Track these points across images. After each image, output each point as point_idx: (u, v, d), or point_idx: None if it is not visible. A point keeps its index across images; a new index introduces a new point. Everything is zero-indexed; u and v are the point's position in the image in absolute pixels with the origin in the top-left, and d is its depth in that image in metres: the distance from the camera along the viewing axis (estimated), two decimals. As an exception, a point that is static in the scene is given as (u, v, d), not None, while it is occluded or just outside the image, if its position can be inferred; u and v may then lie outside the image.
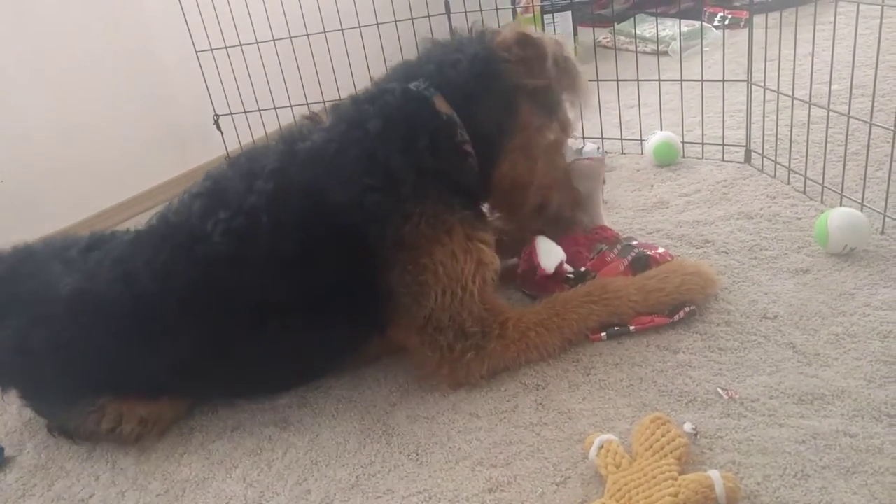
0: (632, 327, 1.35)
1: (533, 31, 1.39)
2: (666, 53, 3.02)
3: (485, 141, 1.35)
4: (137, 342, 1.30)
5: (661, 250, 1.48)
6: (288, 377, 1.43)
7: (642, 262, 1.44)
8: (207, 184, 1.38)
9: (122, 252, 1.38)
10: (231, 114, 2.54)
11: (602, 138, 2.17)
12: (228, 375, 1.37)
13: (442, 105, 1.32)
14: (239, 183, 1.32)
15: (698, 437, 1.10)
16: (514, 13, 3.27)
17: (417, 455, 1.20)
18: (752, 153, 1.95)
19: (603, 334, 1.35)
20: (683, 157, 2.07)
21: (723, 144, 2.00)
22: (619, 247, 1.51)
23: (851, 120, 1.60)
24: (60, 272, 1.36)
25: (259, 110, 2.51)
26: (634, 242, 1.52)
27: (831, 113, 1.64)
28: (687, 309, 1.35)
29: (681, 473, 1.01)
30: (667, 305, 1.36)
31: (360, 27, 2.35)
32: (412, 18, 2.42)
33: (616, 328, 1.35)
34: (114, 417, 1.34)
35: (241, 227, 1.27)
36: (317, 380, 1.44)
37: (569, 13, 3.21)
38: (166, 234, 1.35)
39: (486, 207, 1.50)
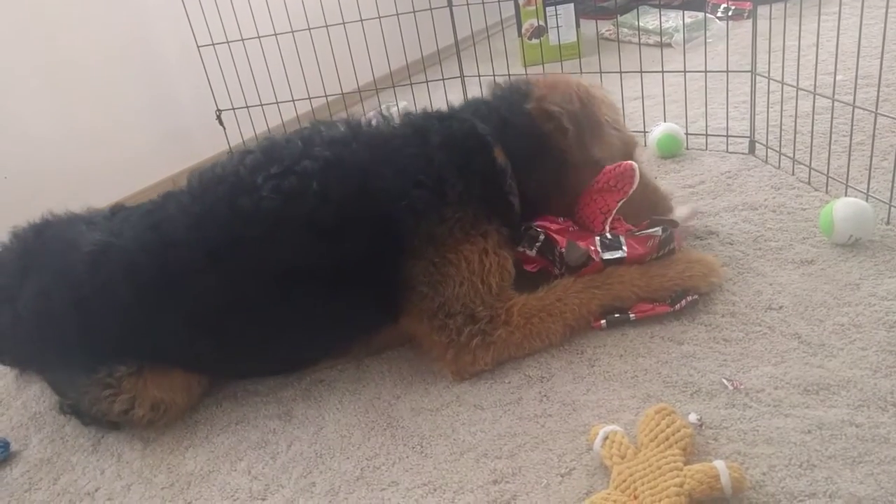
0: (632, 315, 1.35)
1: (553, 98, 1.42)
2: (669, 45, 3.01)
3: (531, 199, 1.44)
4: (161, 292, 1.31)
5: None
6: (296, 350, 1.43)
7: (669, 238, 1.41)
8: (263, 143, 1.42)
9: (154, 206, 1.41)
10: (233, 108, 2.53)
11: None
12: (242, 338, 1.37)
13: (500, 155, 1.40)
14: (298, 144, 1.37)
15: (703, 427, 1.10)
16: (517, 5, 3.27)
17: (422, 447, 1.21)
18: (757, 144, 1.95)
19: (603, 322, 1.35)
20: (687, 148, 2.06)
21: (727, 136, 2.00)
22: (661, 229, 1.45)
23: (856, 110, 1.59)
24: (86, 231, 1.39)
25: (261, 105, 2.51)
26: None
27: (836, 103, 1.63)
28: (689, 298, 1.35)
29: (686, 464, 1.00)
30: (669, 291, 1.36)
31: (361, 21, 2.34)
32: (414, 12, 2.41)
33: (616, 315, 1.35)
34: (128, 399, 1.34)
35: (290, 187, 1.30)
36: (323, 361, 1.44)
37: (571, 5, 3.20)
38: (208, 185, 1.37)
39: None
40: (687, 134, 2.07)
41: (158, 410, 1.36)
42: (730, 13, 3.17)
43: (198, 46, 2.42)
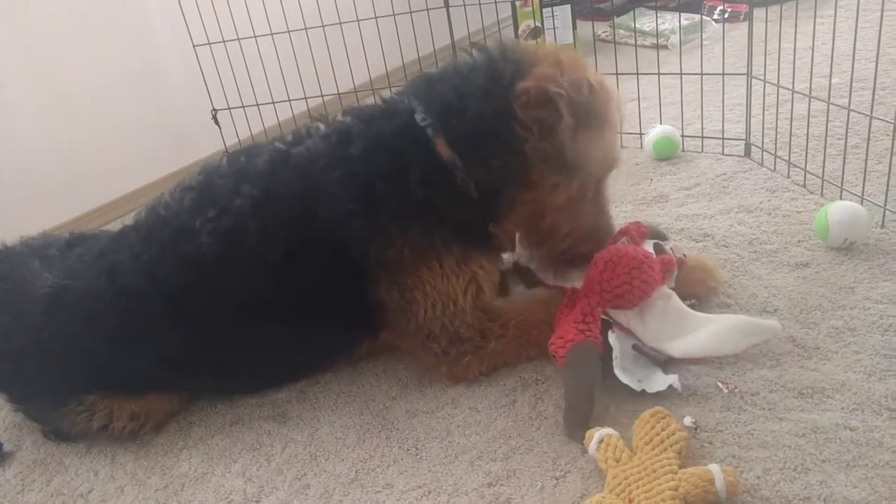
0: None
1: (557, 79, 1.19)
2: (665, 47, 3.02)
3: (490, 191, 1.26)
4: (121, 339, 1.29)
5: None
6: (274, 377, 1.42)
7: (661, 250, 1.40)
8: (201, 178, 1.37)
9: (106, 247, 1.37)
10: (229, 108, 2.53)
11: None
12: (214, 373, 1.37)
13: (443, 149, 1.24)
14: (230, 181, 1.31)
15: (698, 431, 1.10)
16: (514, 7, 3.26)
17: (416, 449, 1.20)
18: (752, 147, 1.95)
19: None
20: (683, 150, 2.06)
21: (722, 138, 2.00)
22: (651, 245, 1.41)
23: (852, 113, 1.59)
24: (39, 270, 1.35)
25: (257, 105, 2.50)
26: (668, 247, 1.42)
27: (831, 106, 1.64)
28: (687, 303, 1.34)
29: (681, 467, 1.01)
30: None
31: (358, 21, 2.34)
32: (410, 12, 2.41)
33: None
34: (104, 415, 1.33)
35: (227, 228, 1.26)
36: (304, 379, 1.43)
37: (568, 7, 3.20)
38: (154, 228, 1.33)
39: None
40: (683, 136, 2.07)
41: (138, 420, 1.35)
42: (726, 15, 3.18)
43: (193, 46, 2.41)
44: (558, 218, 1.30)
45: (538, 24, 3.25)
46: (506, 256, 1.48)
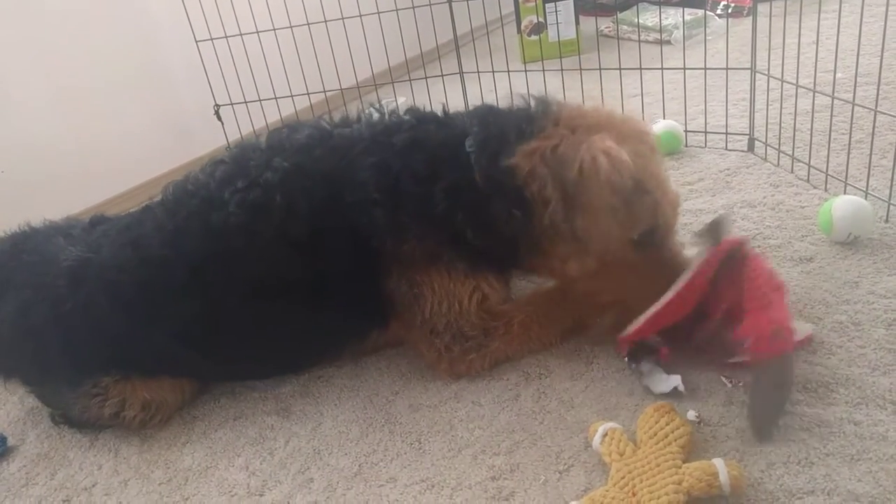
0: None
1: (546, 155, 1.15)
2: (669, 42, 3.01)
3: (507, 238, 1.24)
4: (141, 310, 1.30)
5: None
6: (286, 359, 1.43)
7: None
8: (235, 151, 1.38)
9: (132, 221, 1.39)
10: (232, 104, 2.53)
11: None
12: (226, 353, 1.37)
13: (480, 179, 1.22)
14: (265, 154, 1.32)
15: (702, 425, 1.10)
16: (516, 2, 3.26)
17: (420, 443, 1.20)
18: (756, 142, 1.95)
19: None
20: (686, 146, 2.06)
21: (726, 133, 2.00)
22: None
23: (856, 108, 1.58)
24: (63, 245, 1.37)
25: (260, 100, 2.50)
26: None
27: (835, 101, 1.63)
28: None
29: (684, 461, 1.00)
30: None
31: (360, 16, 2.34)
32: (413, 7, 2.41)
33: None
34: (117, 401, 1.33)
35: (255, 201, 1.27)
36: (314, 367, 1.44)
37: (570, 2, 3.20)
38: (181, 201, 1.34)
39: None
40: (686, 131, 2.06)
41: (150, 410, 1.35)
42: (729, 10, 3.17)
43: (196, 41, 2.41)
44: (593, 286, 1.25)
45: (541, 19, 3.25)
46: None
